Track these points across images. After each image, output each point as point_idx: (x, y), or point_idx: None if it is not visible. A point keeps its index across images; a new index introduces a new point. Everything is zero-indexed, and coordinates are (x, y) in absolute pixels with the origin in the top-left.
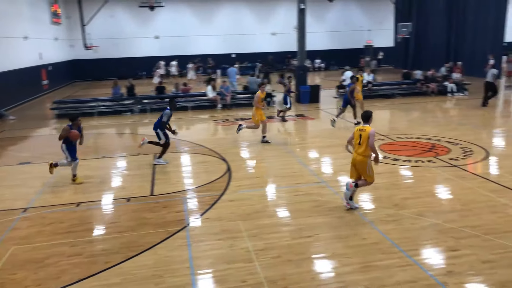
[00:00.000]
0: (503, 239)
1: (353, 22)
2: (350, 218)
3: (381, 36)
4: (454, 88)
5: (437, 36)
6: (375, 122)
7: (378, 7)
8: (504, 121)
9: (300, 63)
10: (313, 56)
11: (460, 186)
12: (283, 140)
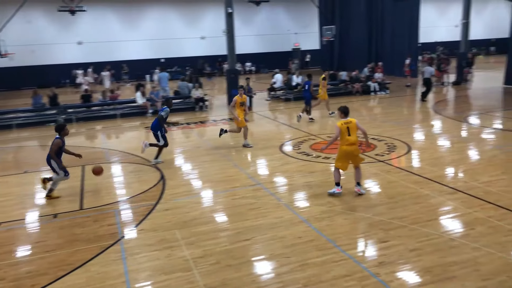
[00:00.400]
0: (426, 227)
1: (280, 25)
2: (287, 218)
3: (307, 39)
4: (377, 87)
5: (359, 38)
6: (305, 123)
7: (303, 11)
8: (422, 117)
9: (231, 66)
10: (243, 59)
11: (387, 180)
12: (218, 144)
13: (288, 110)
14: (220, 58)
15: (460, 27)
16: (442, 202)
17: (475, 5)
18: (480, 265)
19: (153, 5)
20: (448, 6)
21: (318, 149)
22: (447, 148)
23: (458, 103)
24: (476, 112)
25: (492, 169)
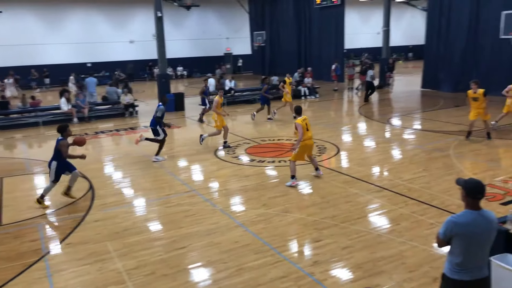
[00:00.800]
0: (356, 225)
1: (212, 30)
2: (223, 223)
3: (239, 44)
4: (307, 92)
5: (289, 44)
6: (240, 127)
7: (234, 16)
8: (349, 120)
9: (162, 71)
10: (175, 63)
11: (318, 180)
12: (150, 150)
13: None
14: (150, 63)
15: (381, 34)
16: (370, 200)
17: (394, 14)
18: (406, 258)
19: (77, 7)
20: (371, 14)
21: (253, 153)
22: (373, 148)
23: (381, 106)
24: (398, 114)
25: (414, 167)
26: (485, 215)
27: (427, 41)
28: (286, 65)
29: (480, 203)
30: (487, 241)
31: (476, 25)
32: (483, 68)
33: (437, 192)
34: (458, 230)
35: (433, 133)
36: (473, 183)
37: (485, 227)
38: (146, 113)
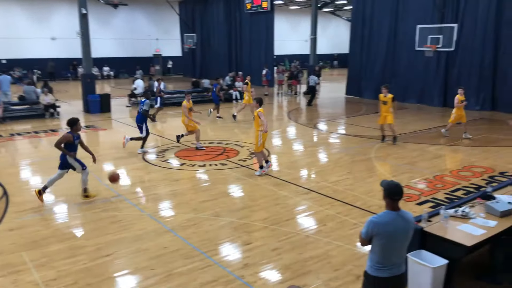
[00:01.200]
0: (285, 227)
1: (140, 30)
2: (151, 229)
3: (169, 46)
4: (238, 96)
5: (220, 48)
6: (170, 130)
7: (164, 17)
8: (279, 124)
9: (87, 70)
10: (101, 63)
11: (249, 184)
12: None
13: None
14: (75, 61)
15: (309, 42)
16: (298, 202)
17: (321, 23)
18: (332, 257)
19: None
20: (299, 22)
21: (183, 156)
22: (301, 152)
23: (309, 111)
24: (324, 119)
25: (339, 170)
26: (403, 215)
27: (351, 50)
28: (217, 68)
29: (398, 204)
30: (405, 240)
31: (395, 37)
32: (401, 78)
33: (360, 194)
34: (378, 230)
35: (356, 137)
36: (392, 185)
37: (403, 227)
38: (69, 114)
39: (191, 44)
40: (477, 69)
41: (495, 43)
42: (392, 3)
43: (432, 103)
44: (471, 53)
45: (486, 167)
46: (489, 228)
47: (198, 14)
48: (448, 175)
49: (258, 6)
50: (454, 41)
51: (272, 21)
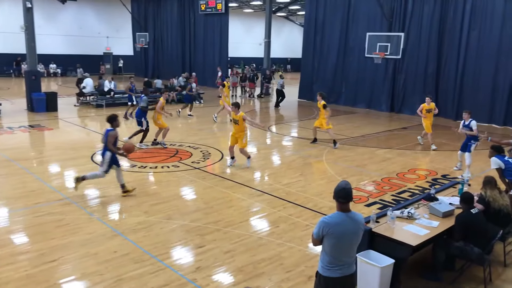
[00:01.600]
0: (239, 229)
1: (90, 27)
2: (100, 233)
3: (120, 44)
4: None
5: (173, 48)
6: (120, 131)
7: (115, 15)
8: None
9: (31, 67)
10: (47, 60)
11: (202, 186)
12: (17, 155)
13: (100, 117)
14: (19, 57)
15: (263, 45)
16: (252, 204)
17: (274, 27)
18: (284, 259)
19: None
20: (253, 25)
21: (134, 158)
22: (255, 154)
23: (262, 114)
24: (277, 122)
25: (291, 172)
26: (353, 216)
27: (304, 55)
28: (170, 68)
29: (348, 205)
30: (355, 240)
31: (346, 44)
32: (351, 83)
33: (311, 195)
34: (329, 230)
35: (308, 140)
36: (339, 188)
37: (353, 228)
38: (12, 112)
39: (143, 43)
40: (422, 77)
41: (439, 52)
42: (343, 11)
43: (380, 108)
44: (416, 61)
45: (430, 170)
46: (432, 228)
47: (151, 13)
48: (395, 177)
49: (212, 7)
50: (401, 49)
51: (226, 23)
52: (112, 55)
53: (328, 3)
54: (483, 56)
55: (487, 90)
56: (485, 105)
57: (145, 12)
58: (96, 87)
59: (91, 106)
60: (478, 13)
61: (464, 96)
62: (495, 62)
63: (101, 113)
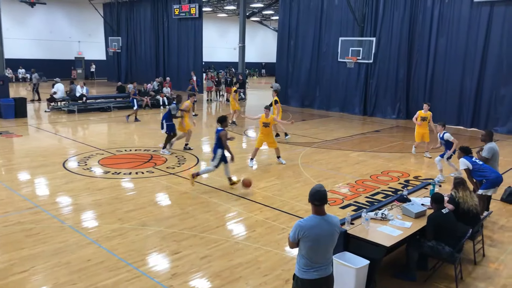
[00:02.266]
0: (215, 234)
1: (60, 31)
2: (73, 241)
3: (92, 49)
4: (166, 102)
5: (147, 52)
6: (93, 137)
7: (87, 19)
8: (208, 130)
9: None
10: (15, 65)
11: (178, 191)
12: None
13: (72, 123)
14: None
15: (237, 50)
16: (228, 209)
17: (249, 31)
18: (261, 263)
19: None
20: (228, 29)
21: (107, 164)
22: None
23: (237, 118)
24: (253, 126)
25: (268, 176)
26: (328, 219)
27: (278, 59)
28: (144, 73)
29: (322, 208)
30: (330, 243)
31: (319, 48)
32: (325, 87)
33: (287, 199)
34: (304, 233)
35: (284, 144)
36: (314, 190)
37: (328, 230)
38: None
39: (116, 48)
40: (393, 81)
41: (409, 56)
42: (316, 16)
43: (353, 112)
44: (387, 65)
45: (402, 172)
46: (405, 229)
47: (124, 17)
48: (368, 179)
49: (186, 12)
50: (372, 53)
51: (200, 27)
52: (84, 60)
53: (301, 8)
54: (450, 61)
55: (455, 93)
56: (454, 108)
57: (118, 16)
58: (67, 92)
59: (63, 111)
60: (446, 19)
61: (433, 100)
62: (462, 67)
63: (73, 119)
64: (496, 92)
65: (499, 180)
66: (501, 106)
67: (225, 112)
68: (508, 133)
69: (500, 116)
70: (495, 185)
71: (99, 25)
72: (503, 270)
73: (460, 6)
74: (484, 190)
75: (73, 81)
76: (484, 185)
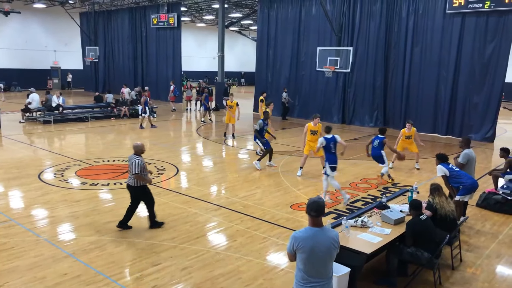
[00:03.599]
0: (195, 245)
1: (36, 40)
2: (49, 255)
3: (69, 58)
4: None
5: (125, 62)
6: (69, 148)
7: (63, 28)
8: (188, 140)
9: None
10: None
11: (157, 202)
12: None
13: (48, 133)
14: None
15: (217, 59)
16: (209, 219)
17: (228, 41)
18: (242, 273)
19: None
20: (206, 39)
21: (84, 175)
22: (211, 168)
23: (218, 127)
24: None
25: (248, 185)
26: (326, 231)
27: (257, 69)
28: (122, 82)
29: (320, 220)
30: (327, 256)
31: (297, 58)
32: (303, 96)
33: (268, 208)
34: (299, 244)
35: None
36: (311, 201)
37: (324, 243)
38: None
39: (93, 57)
40: (371, 89)
41: (385, 65)
42: (294, 25)
43: (332, 120)
44: (364, 74)
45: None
46: (385, 236)
47: (101, 27)
48: (348, 187)
49: (164, 21)
50: (350, 63)
51: (179, 37)
52: (61, 69)
53: (279, 18)
54: (425, 70)
55: (430, 101)
56: (429, 115)
57: (95, 26)
58: (43, 102)
59: (38, 122)
60: (420, 29)
61: (410, 108)
62: (437, 75)
63: (49, 130)
64: (470, 99)
65: (475, 186)
66: (475, 113)
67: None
68: (482, 139)
69: (474, 123)
70: (471, 191)
71: (75, 34)
72: (480, 274)
73: (434, 16)
74: (461, 196)
75: (49, 91)
76: (461, 191)
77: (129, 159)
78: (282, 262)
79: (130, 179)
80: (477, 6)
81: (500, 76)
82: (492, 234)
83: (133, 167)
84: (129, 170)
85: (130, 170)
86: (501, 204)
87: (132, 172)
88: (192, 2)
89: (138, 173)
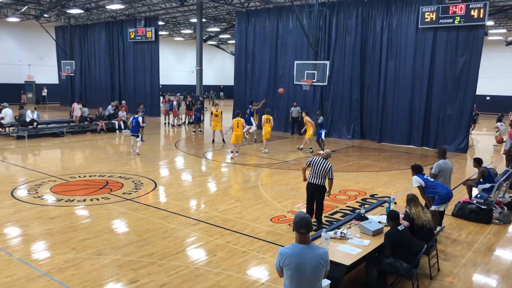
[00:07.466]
0: (174, 260)
1: (9, 54)
2: (21, 275)
3: (44, 72)
4: (122, 126)
5: (102, 76)
6: (44, 163)
7: (37, 41)
8: (166, 154)
9: None
10: None
11: (135, 218)
12: None
13: (22, 149)
14: None
15: (195, 73)
16: (187, 234)
17: (206, 55)
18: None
19: None
20: (185, 53)
21: (59, 192)
22: (190, 182)
23: (196, 140)
24: (211, 149)
25: (228, 199)
26: (314, 249)
27: (235, 82)
28: (99, 97)
29: (308, 236)
30: (314, 274)
31: (275, 71)
32: (282, 109)
33: (248, 221)
34: (285, 261)
35: (243, 165)
36: (298, 218)
37: (312, 260)
38: None
39: (69, 72)
40: (347, 102)
41: (361, 79)
42: (272, 40)
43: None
44: (341, 88)
45: (359, 190)
46: (364, 247)
47: (78, 41)
48: (327, 199)
49: (142, 35)
50: (327, 76)
51: (157, 51)
52: (35, 84)
53: (257, 32)
54: (400, 83)
55: (405, 114)
56: (404, 127)
57: (71, 40)
58: (16, 117)
59: (11, 137)
60: (394, 44)
61: (385, 120)
62: (411, 88)
63: (23, 145)
64: (443, 111)
65: (450, 196)
66: (448, 125)
67: (188, 133)
68: (456, 150)
69: (448, 135)
70: (447, 201)
71: (51, 48)
72: (457, 283)
73: (407, 31)
74: (436, 206)
75: (23, 105)
76: (437, 201)
77: (319, 162)
78: (262, 276)
79: (321, 180)
80: (448, 22)
81: (471, 89)
82: (468, 243)
83: (330, 172)
84: (320, 172)
85: (322, 172)
86: (475, 213)
87: (329, 177)
88: (170, 17)
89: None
